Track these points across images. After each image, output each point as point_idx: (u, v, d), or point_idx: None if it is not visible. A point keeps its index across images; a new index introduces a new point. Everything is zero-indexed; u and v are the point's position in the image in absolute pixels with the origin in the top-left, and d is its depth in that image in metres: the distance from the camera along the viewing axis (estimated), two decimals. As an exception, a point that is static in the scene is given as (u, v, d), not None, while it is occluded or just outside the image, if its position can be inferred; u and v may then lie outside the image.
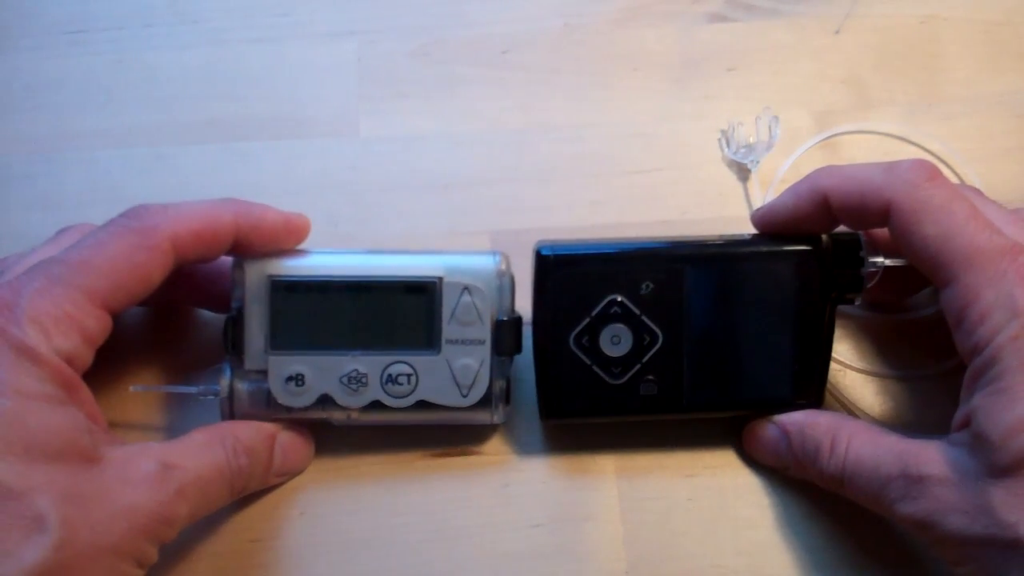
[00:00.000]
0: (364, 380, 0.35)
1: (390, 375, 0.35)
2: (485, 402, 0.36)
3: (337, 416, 0.36)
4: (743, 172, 0.44)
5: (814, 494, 0.37)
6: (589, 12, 0.47)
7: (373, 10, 0.47)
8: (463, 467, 0.38)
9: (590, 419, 0.37)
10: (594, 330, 0.36)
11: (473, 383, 0.36)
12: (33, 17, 0.47)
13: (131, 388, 0.37)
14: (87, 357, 0.32)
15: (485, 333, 0.36)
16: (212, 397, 0.36)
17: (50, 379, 0.30)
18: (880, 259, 0.36)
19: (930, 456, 0.31)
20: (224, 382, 0.35)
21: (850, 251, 0.36)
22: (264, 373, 0.35)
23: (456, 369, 0.36)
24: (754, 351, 0.36)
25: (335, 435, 0.38)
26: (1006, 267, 0.31)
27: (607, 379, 0.36)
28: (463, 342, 0.36)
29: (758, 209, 0.37)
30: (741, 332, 0.36)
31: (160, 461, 0.31)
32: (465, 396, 0.36)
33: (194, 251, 0.34)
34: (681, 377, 0.36)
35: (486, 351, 0.36)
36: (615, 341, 0.36)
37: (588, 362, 0.36)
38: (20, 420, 0.29)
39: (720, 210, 0.43)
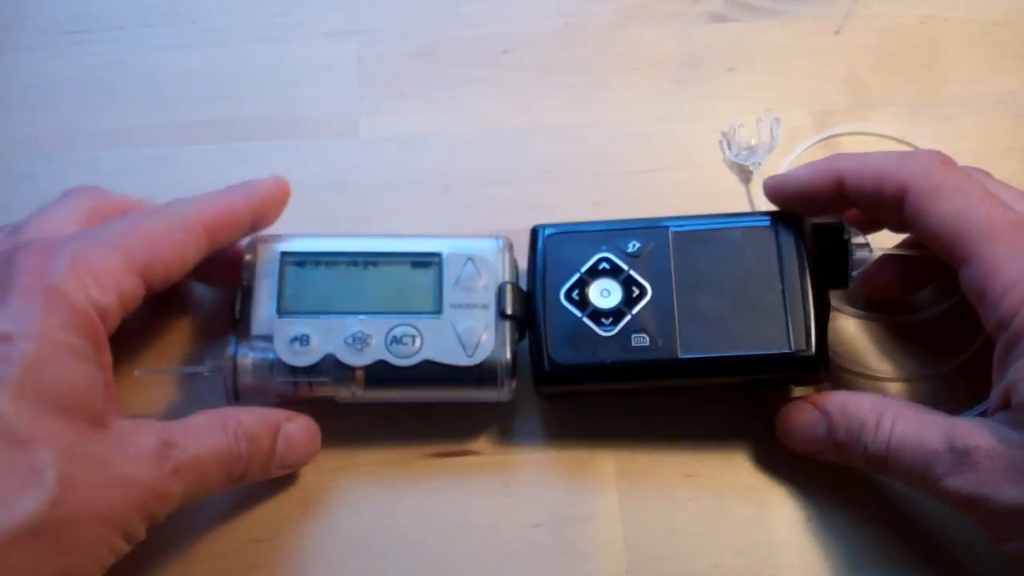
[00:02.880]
0: (368, 340, 0.35)
1: (395, 336, 0.36)
2: (491, 374, 0.36)
3: (342, 393, 0.36)
4: (744, 173, 0.44)
5: (814, 495, 0.37)
6: (589, 12, 0.47)
7: (373, 10, 0.47)
8: (463, 467, 0.38)
9: (586, 381, 0.37)
10: (584, 284, 0.36)
11: (478, 344, 0.36)
12: (33, 17, 0.47)
13: (136, 373, 0.37)
14: (117, 319, 0.32)
15: (488, 298, 0.36)
16: (219, 374, 0.36)
17: (79, 330, 0.30)
18: (862, 238, 0.36)
19: (976, 430, 0.31)
20: (228, 353, 0.35)
21: (834, 234, 0.37)
22: (270, 339, 0.35)
23: (460, 331, 0.36)
24: (745, 304, 0.36)
25: (335, 435, 0.38)
26: None
27: (599, 332, 0.36)
28: (467, 306, 0.36)
29: (772, 176, 0.37)
30: (730, 286, 0.36)
31: (161, 438, 0.31)
32: (470, 356, 0.36)
33: (221, 236, 0.35)
34: (673, 328, 0.36)
35: (490, 315, 0.36)
36: (604, 295, 0.36)
37: (579, 315, 0.36)
38: (40, 367, 0.29)
39: (720, 210, 0.43)
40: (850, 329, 0.40)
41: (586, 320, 0.36)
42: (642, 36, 0.47)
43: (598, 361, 0.36)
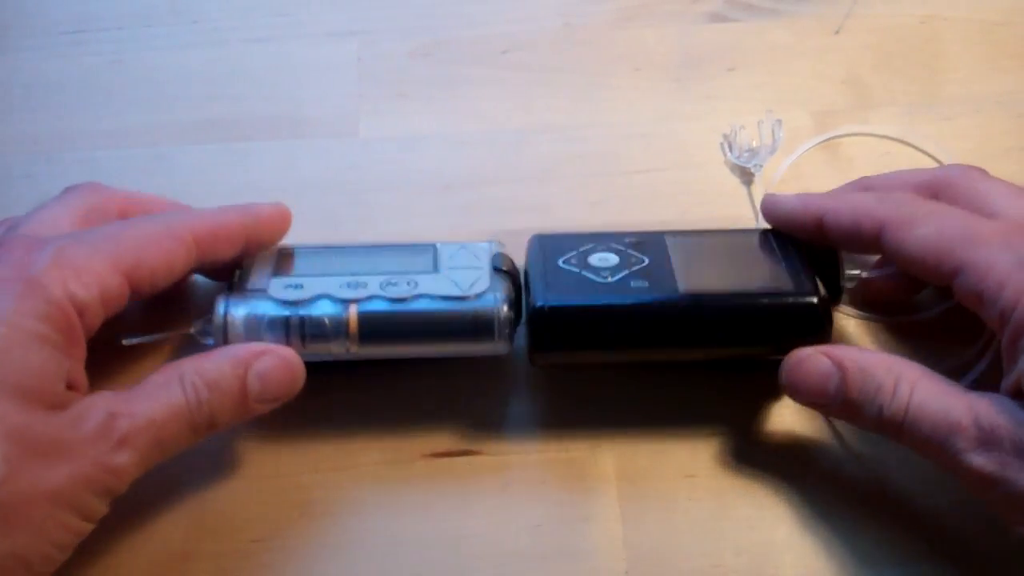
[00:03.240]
0: (364, 284, 0.36)
1: (390, 282, 0.36)
2: (487, 323, 0.35)
3: (336, 349, 0.35)
4: (746, 175, 0.44)
5: (815, 494, 0.37)
6: (589, 12, 0.47)
7: (373, 10, 0.47)
8: (463, 467, 0.38)
9: (581, 326, 0.36)
10: (582, 255, 0.37)
11: (473, 284, 0.36)
12: (33, 17, 0.47)
13: (123, 340, 0.36)
14: (98, 317, 0.32)
15: (483, 263, 0.37)
16: (210, 339, 0.35)
17: (52, 320, 0.30)
18: (857, 272, 0.38)
19: (998, 409, 0.31)
20: (218, 311, 0.35)
21: (828, 257, 0.37)
22: (263, 292, 0.35)
23: (456, 279, 0.36)
24: (745, 270, 0.36)
25: (335, 435, 0.38)
26: (1011, 240, 0.32)
27: (597, 280, 0.36)
28: (462, 268, 0.37)
29: (770, 194, 0.38)
30: (730, 263, 0.37)
31: (107, 410, 0.31)
32: (466, 291, 0.36)
33: (212, 249, 0.35)
34: (672, 276, 0.36)
35: (485, 271, 0.36)
36: (603, 260, 0.36)
37: (577, 270, 0.36)
38: (5, 350, 0.29)
39: (721, 210, 0.43)
40: (850, 329, 0.40)
41: (584, 273, 0.36)
42: (642, 36, 0.47)
43: (595, 302, 0.35)
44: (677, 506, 0.37)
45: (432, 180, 0.43)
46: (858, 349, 0.35)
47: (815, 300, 0.35)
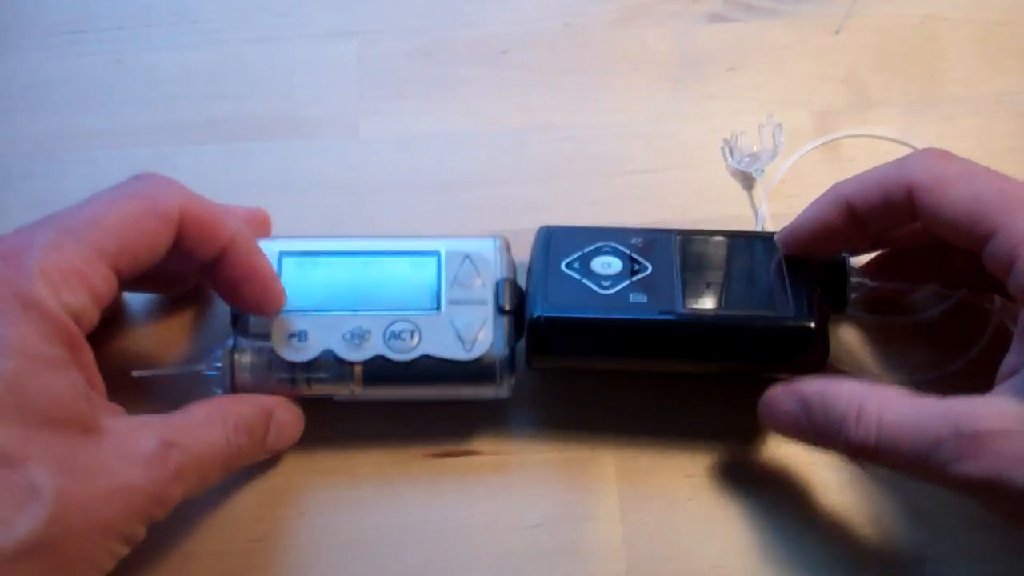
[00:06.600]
0: (367, 336, 0.36)
1: (393, 332, 0.36)
2: (489, 370, 0.36)
3: (340, 391, 0.36)
4: (747, 180, 0.44)
5: (815, 495, 0.37)
6: (589, 12, 0.47)
7: (373, 10, 0.47)
8: (463, 467, 0.38)
9: (579, 335, 0.36)
10: (585, 259, 0.37)
11: (476, 340, 0.36)
12: (33, 17, 0.47)
13: (133, 373, 0.36)
14: (93, 316, 0.31)
15: (487, 295, 0.36)
16: (218, 374, 0.35)
17: (56, 338, 0.29)
18: (867, 281, 0.38)
19: (983, 411, 0.29)
20: (226, 351, 0.35)
21: (836, 269, 0.37)
22: (268, 337, 0.35)
23: (458, 326, 0.36)
24: (748, 285, 0.36)
25: (335, 436, 0.38)
26: None
27: (596, 290, 0.36)
28: (465, 302, 0.36)
29: (782, 229, 0.37)
30: (734, 273, 0.37)
31: (162, 439, 0.30)
32: (468, 351, 0.36)
33: (197, 230, 0.33)
34: (673, 291, 0.36)
35: (488, 311, 0.36)
36: (606, 267, 0.37)
37: (578, 277, 0.36)
38: (21, 383, 0.28)
39: (721, 210, 0.43)
40: (850, 330, 0.40)
41: (585, 281, 0.36)
42: (642, 36, 0.47)
43: (590, 315, 0.36)
44: (677, 506, 0.37)
45: (432, 180, 0.43)
46: (824, 380, 0.33)
47: (811, 325, 0.35)
